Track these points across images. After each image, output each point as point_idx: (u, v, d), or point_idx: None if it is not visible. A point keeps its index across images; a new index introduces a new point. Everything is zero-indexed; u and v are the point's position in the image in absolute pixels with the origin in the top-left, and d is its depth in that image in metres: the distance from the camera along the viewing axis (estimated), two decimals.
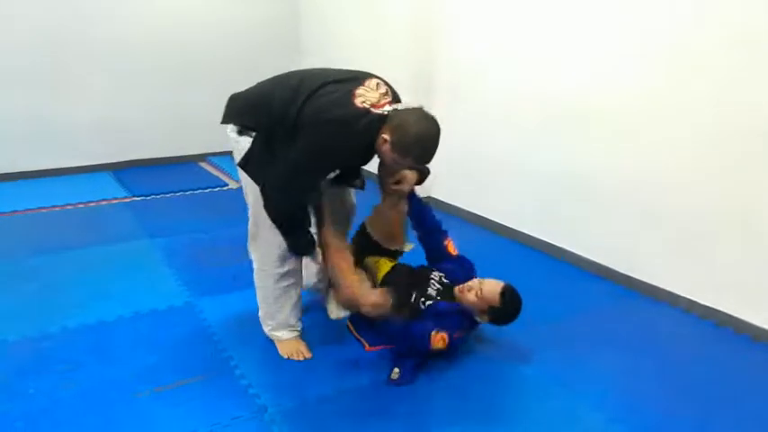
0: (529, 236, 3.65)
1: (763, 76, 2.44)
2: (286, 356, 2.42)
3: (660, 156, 2.87)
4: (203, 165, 5.50)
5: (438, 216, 2.73)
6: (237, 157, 2.26)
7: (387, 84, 2.19)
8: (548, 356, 2.47)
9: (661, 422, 2.08)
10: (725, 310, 2.73)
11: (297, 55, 5.74)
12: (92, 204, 4.31)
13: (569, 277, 3.26)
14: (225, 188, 4.84)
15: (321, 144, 2.05)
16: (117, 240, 3.62)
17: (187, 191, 4.70)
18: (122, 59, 5.00)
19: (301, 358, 2.41)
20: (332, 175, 2.27)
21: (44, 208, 4.18)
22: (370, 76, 2.18)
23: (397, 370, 2.29)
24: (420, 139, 2.04)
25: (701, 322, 2.78)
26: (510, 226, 3.79)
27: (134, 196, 4.51)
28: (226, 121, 2.25)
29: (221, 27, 5.39)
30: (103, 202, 4.37)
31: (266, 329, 2.49)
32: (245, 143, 2.19)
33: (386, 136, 2.04)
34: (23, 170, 4.82)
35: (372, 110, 2.05)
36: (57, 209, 4.18)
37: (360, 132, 2.04)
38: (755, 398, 2.24)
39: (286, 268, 2.35)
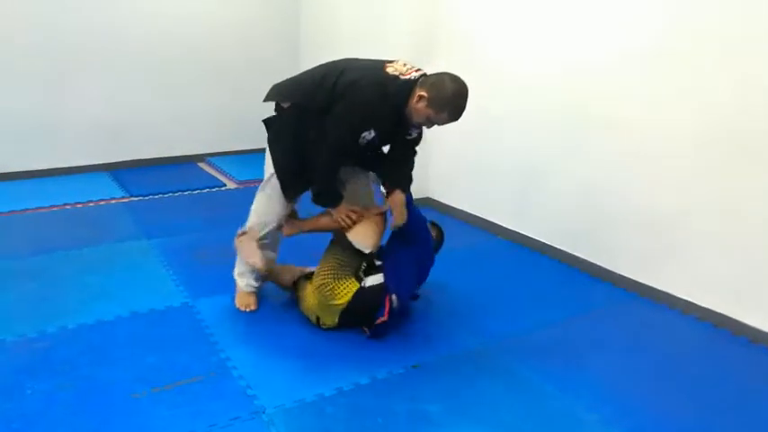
0: (528, 237, 3.66)
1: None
2: (238, 307, 2.77)
3: (657, 156, 2.87)
4: (202, 165, 5.50)
5: (436, 217, 2.74)
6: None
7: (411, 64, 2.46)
8: (546, 357, 2.47)
9: (658, 423, 2.08)
10: (723, 312, 2.73)
11: (297, 55, 5.74)
12: (90, 204, 4.30)
13: (568, 279, 3.26)
14: (223, 188, 4.84)
15: (359, 101, 2.31)
16: (115, 240, 3.61)
17: (185, 191, 4.70)
18: (121, 60, 5.00)
19: (248, 310, 2.75)
20: (365, 139, 2.40)
21: (42, 208, 4.17)
22: (396, 60, 2.45)
23: (394, 297, 2.45)
24: (456, 96, 2.29)
25: (699, 324, 2.78)
26: (508, 227, 3.79)
27: (132, 196, 4.50)
28: (267, 99, 2.57)
29: (221, 27, 5.39)
30: (102, 203, 4.36)
31: (234, 273, 2.80)
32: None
33: (423, 93, 2.28)
34: (21, 170, 4.81)
35: (401, 76, 2.33)
36: (55, 209, 4.18)
37: (392, 94, 2.31)
38: (752, 399, 2.25)
39: (266, 230, 2.66)
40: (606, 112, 3.07)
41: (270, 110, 2.60)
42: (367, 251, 2.56)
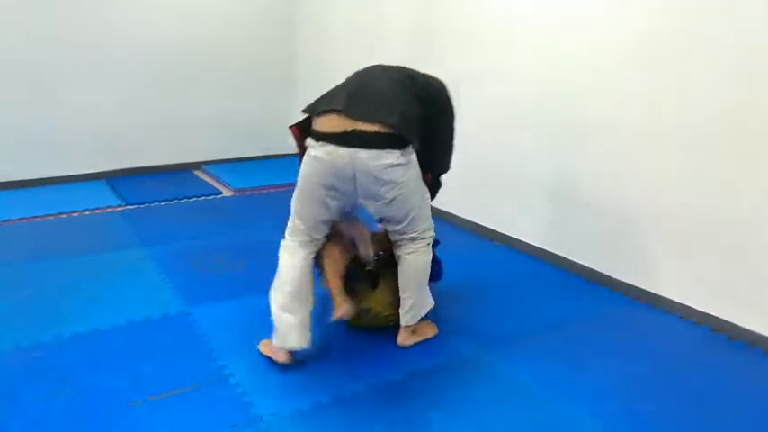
0: (525, 243, 3.65)
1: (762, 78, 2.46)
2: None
3: (655, 160, 2.88)
4: (198, 173, 5.49)
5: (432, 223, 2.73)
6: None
7: None
8: (545, 363, 2.46)
9: (657, 428, 2.08)
10: (721, 316, 2.73)
11: (293, 61, 5.76)
12: (86, 213, 4.29)
13: (567, 284, 3.26)
14: (219, 196, 4.84)
15: (447, 94, 2.47)
16: (111, 249, 3.60)
17: (181, 199, 4.69)
18: (115, 68, 5.00)
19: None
20: None
21: (38, 217, 4.16)
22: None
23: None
24: None
25: (697, 328, 2.78)
26: (506, 233, 3.79)
27: (128, 205, 4.49)
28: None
29: (216, 36, 5.40)
30: (98, 211, 4.35)
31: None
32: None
33: None
34: (17, 179, 4.81)
35: None
36: (50, 218, 4.16)
37: None
38: (751, 404, 2.24)
39: None
40: (605, 113, 3.07)
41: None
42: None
